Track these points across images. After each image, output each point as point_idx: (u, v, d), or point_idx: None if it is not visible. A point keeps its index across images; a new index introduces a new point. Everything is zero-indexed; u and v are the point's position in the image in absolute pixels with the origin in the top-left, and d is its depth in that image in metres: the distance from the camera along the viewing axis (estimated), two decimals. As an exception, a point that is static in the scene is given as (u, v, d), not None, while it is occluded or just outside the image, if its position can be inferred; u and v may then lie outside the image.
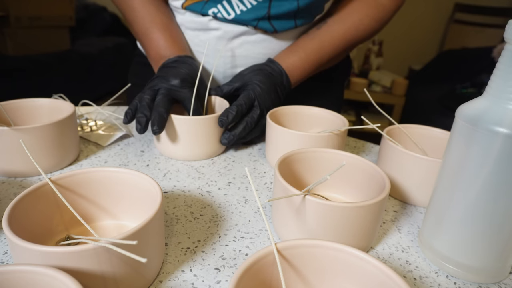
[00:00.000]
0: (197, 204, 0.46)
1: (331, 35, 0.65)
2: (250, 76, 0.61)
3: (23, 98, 0.56)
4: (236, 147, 0.62)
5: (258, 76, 0.61)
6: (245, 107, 0.56)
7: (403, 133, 0.53)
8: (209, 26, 0.66)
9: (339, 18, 0.66)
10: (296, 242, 0.28)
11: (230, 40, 0.66)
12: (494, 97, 0.32)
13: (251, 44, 0.67)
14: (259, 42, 0.67)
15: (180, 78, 0.56)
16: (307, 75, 0.67)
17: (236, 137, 0.57)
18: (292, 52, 0.65)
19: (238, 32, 0.65)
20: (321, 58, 0.66)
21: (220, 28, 0.65)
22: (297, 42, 0.66)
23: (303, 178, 0.46)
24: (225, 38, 0.66)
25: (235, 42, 0.66)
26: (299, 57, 0.64)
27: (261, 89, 0.59)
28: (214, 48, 0.67)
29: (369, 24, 0.67)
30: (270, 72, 0.62)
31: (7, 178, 0.49)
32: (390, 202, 0.49)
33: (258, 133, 0.61)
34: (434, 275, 0.37)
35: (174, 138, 0.55)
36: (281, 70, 0.63)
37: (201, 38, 0.67)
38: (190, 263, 0.36)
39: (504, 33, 0.31)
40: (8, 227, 0.28)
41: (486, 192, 0.32)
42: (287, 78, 0.63)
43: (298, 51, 0.65)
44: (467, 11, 2.85)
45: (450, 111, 0.67)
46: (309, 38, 0.66)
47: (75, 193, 0.37)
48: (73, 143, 0.53)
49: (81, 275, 0.27)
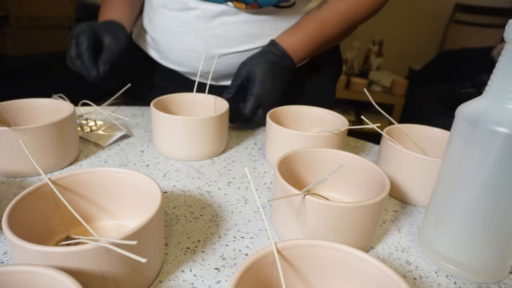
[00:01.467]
0: (197, 204, 0.46)
1: (333, 13, 0.66)
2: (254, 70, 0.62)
3: (23, 98, 0.56)
4: (236, 147, 0.62)
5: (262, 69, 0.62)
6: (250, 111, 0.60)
7: (403, 133, 0.53)
8: (188, 5, 0.66)
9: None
10: (296, 242, 0.28)
11: (209, 19, 0.67)
12: (494, 97, 0.32)
13: (231, 25, 0.67)
14: (240, 23, 0.67)
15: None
16: (310, 54, 0.68)
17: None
18: (294, 32, 0.66)
19: (217, 12, 0.66)
20: (323, 37, 0.66)
21: (199, 8, 0.66)
22: (299, 22, 0.67)
23: (303, 178, 0.46)
24: (204, 17, 0.67)
25: (214, 22, 0.67)
26: (301, 37, 0.65)
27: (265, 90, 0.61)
28: (193, 28, 0.68)
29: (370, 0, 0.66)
30: (274, 61, 0.63)
31: (7, 178, 0.49)
32: (390, 202, 0.49)
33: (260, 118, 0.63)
34: (434, 275, 0.37)
35: (174, 138, 0.55)
36: (284, 53, 0.64)
37: (182, 18, 0.68)
38: (190, 263, 0.36)
39: (504, 33, 0.31)
40: (8, 227, 0.28)
41: (486, 191, 0.32)
42: (291, 60, 0.65)
43: (300, 31, 0.65)
44: (467, 11, 2.85)
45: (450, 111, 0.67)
46: (310, 17, 0.66)
47: (75, 193, 0.37)
48: (73, 143, 0.53)
49: (81, 275, 0.27)
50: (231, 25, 0.67)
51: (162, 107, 0.60)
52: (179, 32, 0.70)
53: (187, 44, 0.70)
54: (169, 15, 0.69)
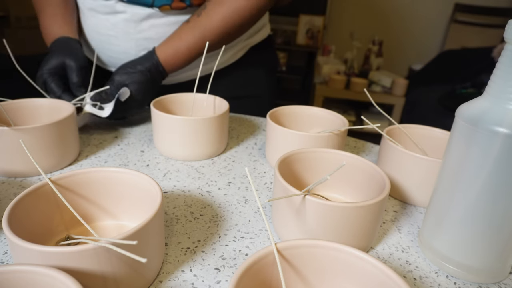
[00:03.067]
0: (197, 204, 0.46)
1: (210, 20, 0.64)
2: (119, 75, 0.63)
3: (23, 98, 0.56)
4: (236, 147, 0.62)
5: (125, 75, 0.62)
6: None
7: (403, 133, 0.53)
8: (116, 9, 0.67)
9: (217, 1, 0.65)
10: (296, 242, 0.28)
11: (138, 22, 0.68)
12: (494, 97, 0.32)
13: (160, 27, 0.68)
14: (169, 24, 0.68)
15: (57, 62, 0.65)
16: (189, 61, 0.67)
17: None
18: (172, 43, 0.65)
19: (145, 15, 0.67)
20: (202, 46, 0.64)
21: (126, 11, 0.67)
22: (178, 31, 0.66)
23: (303, 178, 0.46)
24: (133, 20, 0.68)
25: (143, 25, 0.68)
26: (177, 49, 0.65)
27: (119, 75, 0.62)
28: (124, 31, 0.69)
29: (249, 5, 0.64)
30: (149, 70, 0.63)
31: (7, 178, 0.49)
32: (390, 202, 0.49)
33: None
34: (434, 275, 0.37)
35: (174, 138, 0.55)
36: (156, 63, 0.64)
37: (111, 21, 0.69)
38: (190, 263, 0.36)
39: (504, 33, 0.31)
40: (8, 227, 0.28)
41: (486, 192, 0.32)
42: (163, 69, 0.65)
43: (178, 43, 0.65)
44: (467, 11, 2.85)
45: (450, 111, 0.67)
46: (189, 27, 0.65)
47: (75, 193, 0.37)
48: (73, 143, 0.53)
49: (81, 275, 0.27)
50: (161, 27, 0.68)
51: (162, 107, 0.60)
52: (109, 35, 0.71)
53: (119, 46, 0.71)
54: (99, 18, 0.70)
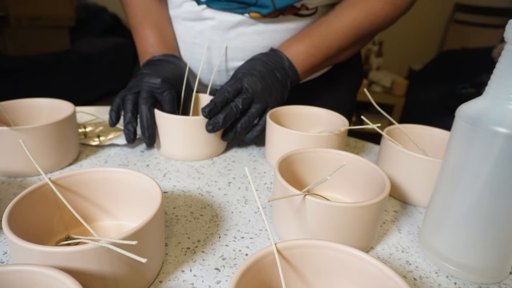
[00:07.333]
0: (197, 204, 0.46)
1: (340, 19, 0.61)
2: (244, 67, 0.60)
3: (23, 98, 0.56)
4: (236, 147, 0.62)
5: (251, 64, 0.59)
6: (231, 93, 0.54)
7: (403, 133, 0.53)
8: (203, 15, 0.64)
9: (348, 4, 0.63)
10: (296, 242, 0.28)
11: (226, 30, 0.64)
12: (494, 97, 0.32)
13: (249, 35, 0.64)
14: (257, 34, 0.64)
15: (161, 78, 0.56)
16: (315, 62, 0.63)
17: (220, 123, 0.53)
18: (295, 39, 0.62)
19: (234, 22, 0.63)
20: (329, 45, 0.62)
21: (215, 18, 0.63)
22: (303, 30, 0.64)
23: (303, 178, 0.46)
24: (220, 28, 0.64)
25: (231, 33, 0.64)
26: (303, 42, 0.61)
27: (252, 75, 0.57)
28: (210, 39, 0.65)
29: (382, 9, 0.62)
30: (266, 61, 0.60)
31: (7, 178, 0.49)
32: (390, 202, 0.49)
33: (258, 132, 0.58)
34: (434, 275, 0.37)
35: (174, 138, 0.55)
36: (281, 56, 0.60)
37: (196, 29, 0.66)
38: (190, 263, 0.36)
39: (504, 33, 0.31)
40: (8, 227, 0.28)
41: (486, 192, 0.32)
42: (289, 62, 0.60)
43: (303, 38, 0.62)
44: (467, 11, 2.85)
45: (450, 111, 0.67)
46: (315, 24, 0.63)
47: (75, 193, 0.37)
48: (73, 143, 0.53)
49: (81, 275, 0.27)
50: (249, 36, 0.64)
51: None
52: (194, 44, 0.67)
53: (202, 55, 0.67)
54: (183, 25, 0.67)
